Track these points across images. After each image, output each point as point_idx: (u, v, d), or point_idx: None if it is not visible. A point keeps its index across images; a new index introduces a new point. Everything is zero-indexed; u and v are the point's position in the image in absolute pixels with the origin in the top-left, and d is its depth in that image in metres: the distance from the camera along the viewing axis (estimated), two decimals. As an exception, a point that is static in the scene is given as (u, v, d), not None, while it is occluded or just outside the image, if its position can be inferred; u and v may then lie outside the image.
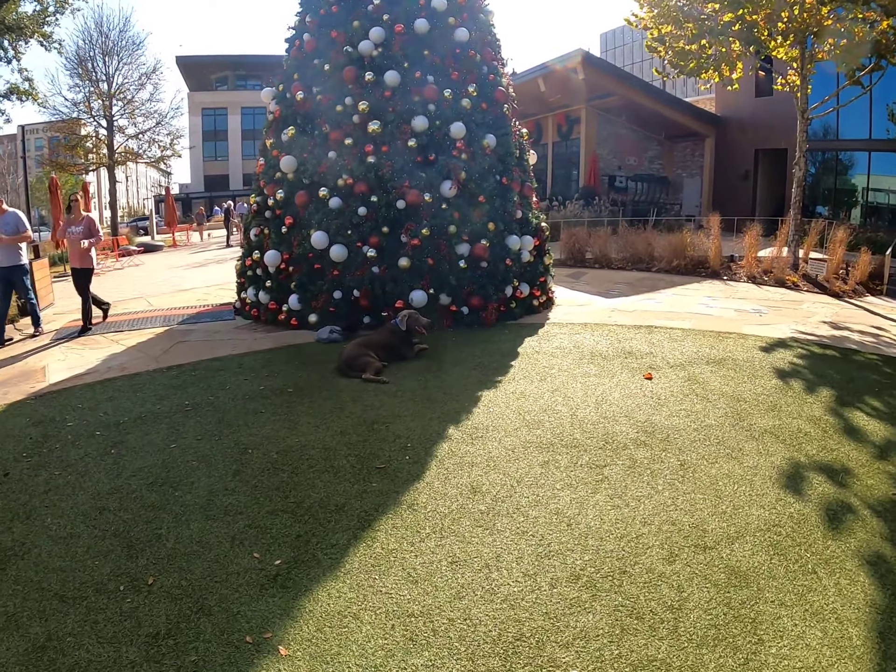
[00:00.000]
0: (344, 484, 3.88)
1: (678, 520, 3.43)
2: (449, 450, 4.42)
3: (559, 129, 20.65)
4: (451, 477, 4.01)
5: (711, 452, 4.23)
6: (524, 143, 9.03)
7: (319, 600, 2.80)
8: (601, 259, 13.02)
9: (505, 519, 3.51)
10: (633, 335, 7.27)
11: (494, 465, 4.18)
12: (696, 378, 5.69)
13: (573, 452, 4.32)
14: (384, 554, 3.16)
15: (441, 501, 3.68)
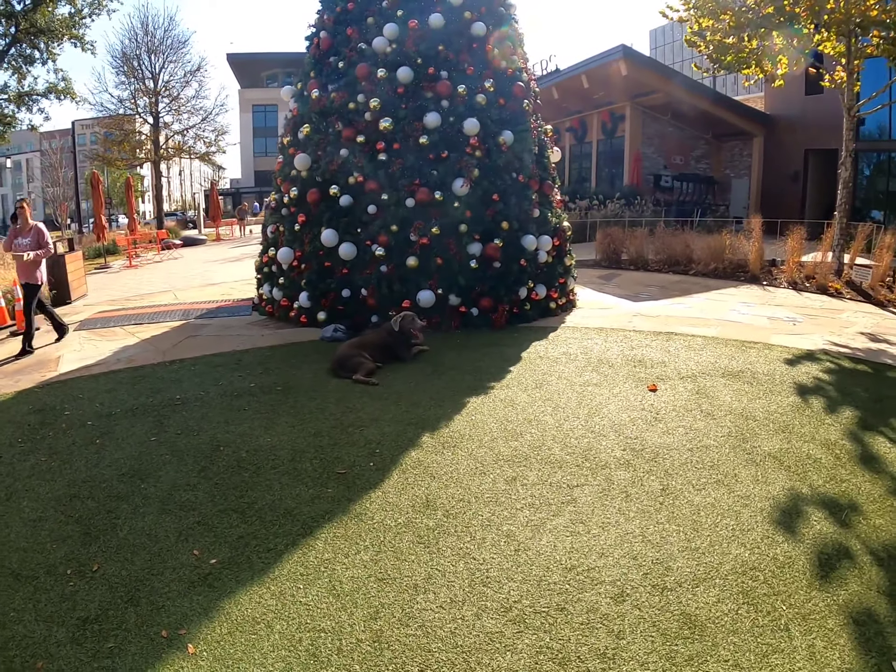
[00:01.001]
0: (300, 487, 3.74)
1: (641, 553, 3.00)
2: (416, 458, 4.14)
3: (604, 126, 19.92)
4: (409, 488, 3.74)
5: (701, 477, 3.74)
6: (545, 140, 8.59)
7: (239, 604, 2.75)
8: (637, 260, 12.40)
9: (450, 538, 3.21)
10: (650, 342, 6.75)
11: (457, 478, 3.86)
12: (706, 391, 5.16)
13: (546, 469, 3.92)
14: (316, 564, 3.02)
15: (390, 513, 3.46)
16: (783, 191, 16.59)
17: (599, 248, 13.12)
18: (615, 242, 12.92)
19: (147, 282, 13.17)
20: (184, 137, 23.67)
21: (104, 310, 9.93)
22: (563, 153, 22.63)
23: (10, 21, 9.96)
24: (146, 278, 13.98)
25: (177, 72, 23.69)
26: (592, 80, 17.89)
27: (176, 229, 25.62)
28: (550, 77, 20.00)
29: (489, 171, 7.64)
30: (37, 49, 10.58)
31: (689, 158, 19.18)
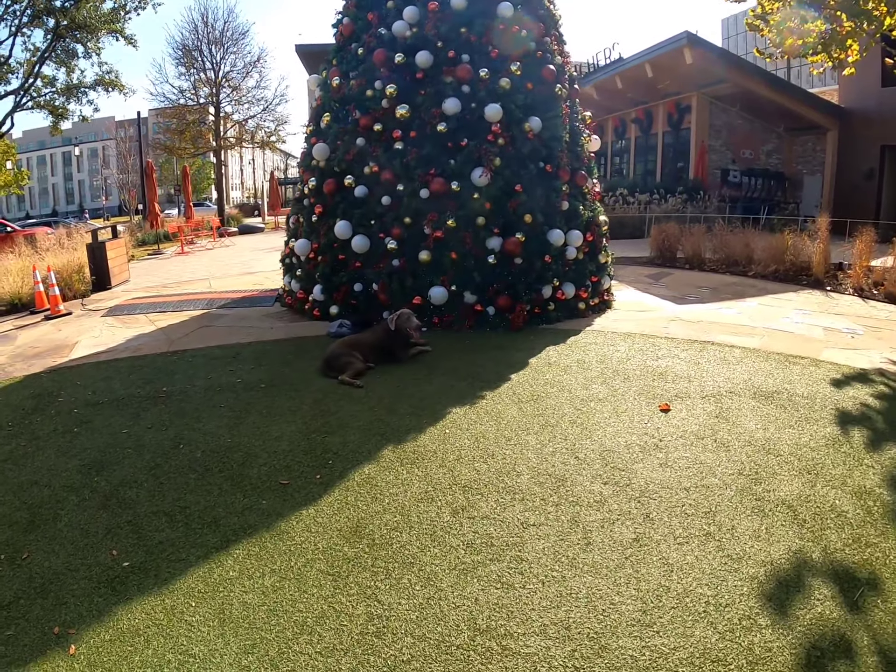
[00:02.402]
0: (237, 495, 3.50)
1: (577, 623, 2.36)
2: (367, 475, 3.67)
3: (669, 118, 18.55)
4: (345, 509, 3.33)
5: (689, 527, 3.03)
6: (579, 127, 7.82)
7: (131, 612, 2.61)
8: (692, 259, 11.35)
9: (363, 573, 2.77)
10: (679, 352, 5.93)
11: (400, 502, 3.35)
12: (727, 415, 4.37)
13: (504, 500, 3.31)
14: (218, 582, 2.77)
15: (313, 536, 3.08)
16: (857, 189, 14.84)
17: (653, 244, 12.13)
18: (670, 239, 11.90)
19: (190, 269, 13.26)
20: (244, 127, 23.94)
21: (138, 296, 9.96)
22: (628, 145, 21.51)
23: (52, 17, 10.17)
24: (191, 265, 14.11)
25: (237, 63, 24.08)
26: (657, 69, 16.65)
27: (238, 217, 26.11)
28: (613, 66, 18.84)
29: (512, 161, 6.98)
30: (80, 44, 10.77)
31: (758, 153, 17.57)
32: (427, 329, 6.97)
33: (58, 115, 11.72)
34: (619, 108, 21.14)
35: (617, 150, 22.66)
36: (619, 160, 22.47)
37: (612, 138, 22.60)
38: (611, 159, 22.92)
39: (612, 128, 22.46)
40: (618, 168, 22.45)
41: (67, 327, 8.19)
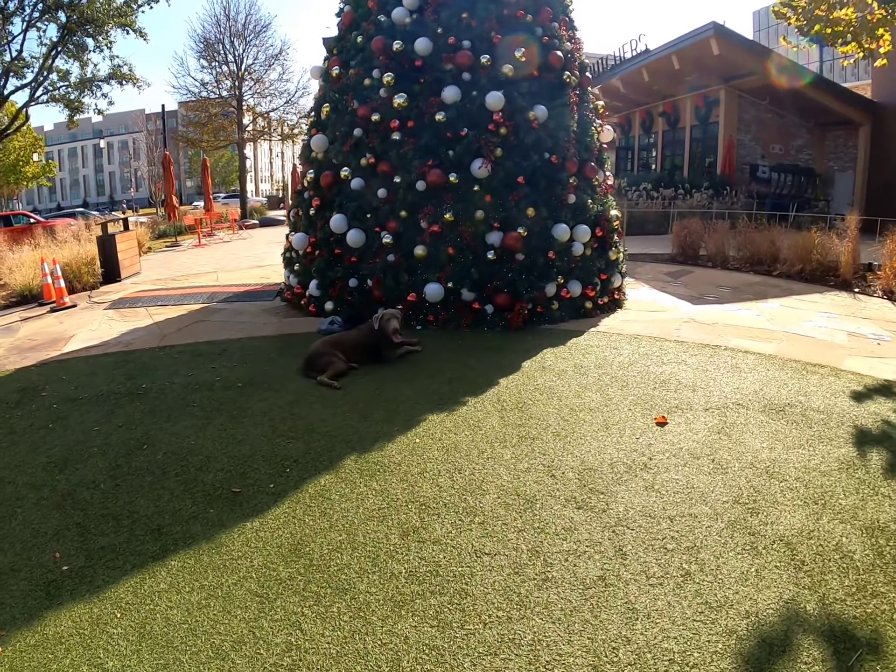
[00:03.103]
0: (187, 502, 3.31)
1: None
2: (323, 487, 3.39)
3: (697, 111, 17.74)
4: (290, 524, 3.06)
5: (665, 566, 2.61)
6: (590, 117, 7.34)
7: (59, 619, 2.49)
8: (715, 257, 10.74)
9: (292, 598, 2.52)
10: (688, 357, 5.45)
11: (349, 520, 3.05)
12: (730, 431, 3.90)
13: (462, 522, 2.94)
14: (148, 594, 2.60)
15: (250, 552, 2.85)
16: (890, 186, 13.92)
17: (675, 241, 11.55)
18: (693, 236, 11.30)
19: (203, 262, 13.13)
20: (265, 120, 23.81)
21: (144, 289, 9.82)
22: (655, 139, 20.74)
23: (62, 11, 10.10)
24: (204, 258, 13.99)
25: (259, 56, 23.91)
26: (683, 61, 15.91)
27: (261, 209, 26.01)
28: (640, 58, 18.10)
29: (515, 151, 6.56)
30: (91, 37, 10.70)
31: (789, 148, 16.66)
32: (422, 327, 6.63)
33: (73, 108, 11.69)
34: (646, 102, 20.38)
35: (644, 145, 21.90)
36: (646, 154, 21.71)
37: (640, 132, 21.84)
38: (637, 153, 22.17)
39: (638, 121, 21.70)
40: (644, 162, 21.70)
41: (69, 320, 8.07)
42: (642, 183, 16.42)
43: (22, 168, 28.59)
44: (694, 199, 14.86)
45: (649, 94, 19.38)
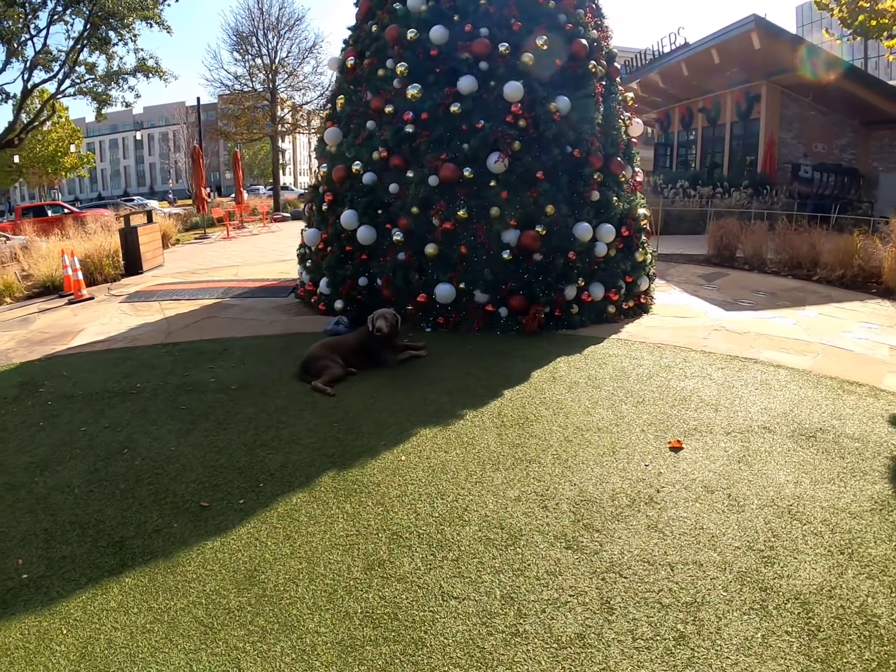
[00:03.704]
0: (154, 513, 3.16)
1: None
2: (294, 505, 3.17)
3: (737, 107, 16.85)
4: (252, 546, 2.85)
5: (657, 625, 2.22)
6: (617, 109, 6.88)
7: (9, 630, 2.38)
8: (752, 259, 10.13)
9: (236, 630, 2.35)
10: (714, 370, 5.01)
11: (313, 546, 2.82)
12: (753, 460, 3.48)
13: (433, 557, 2.63)
14: (95, 612, 2.47)
15: (205, 577, 2.65)
16: None
17: (711, 241, 10.95)
18: (729, 237, 10.70)
19: (227, 255, 13.07)
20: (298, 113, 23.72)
21: (162, 282, 9.76)
22: (695, 136, 19.89)
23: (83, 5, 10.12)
24: (230, 251, 13.93)
25: (293, 49, 23.82)
26: (723, 55, 15.10)
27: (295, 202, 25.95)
28: (679, 52, 17.31)
29: (534, 145, 6.17)
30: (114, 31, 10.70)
31: (832, 147, 15.66)
32: (432, 330, 6.32)
33: (101, 101, 11.76)
34: (686, 97, 19.54)
35: (683, 141, 21.05)
36: (686, 151, 20.86)
37: (679, 128, 20.99)
38: (677, 150, 21.32)
39: (678, 117, 20.86)
40: (683, 160, 20.85)
41: (84, 312, 8.03)
42: (679, 180, 15.72)
43: (60, 159, 29.36)
44: (733, 198, 14.13)
45: (689, 89, 18.57)
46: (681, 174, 17.13)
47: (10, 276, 9.39)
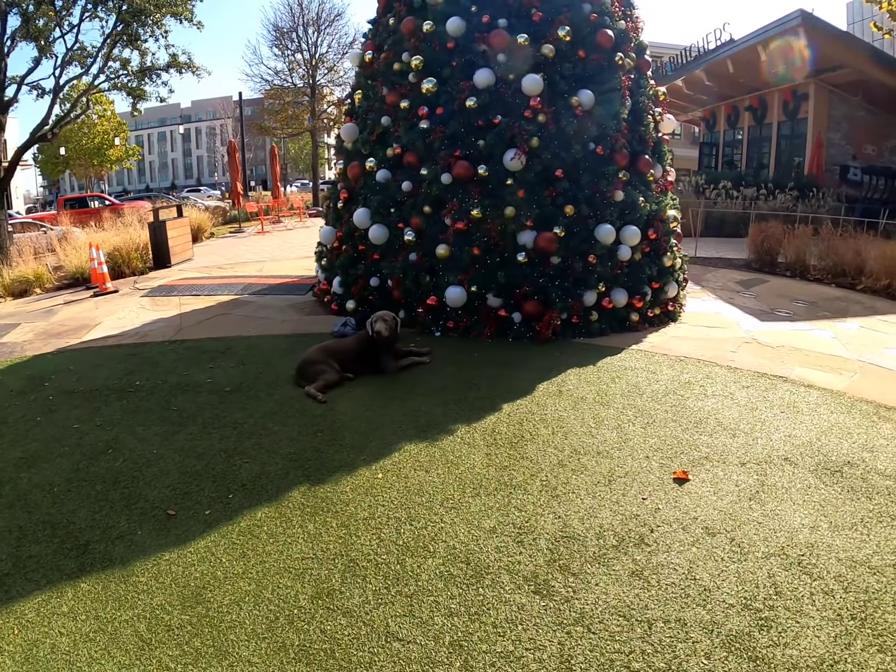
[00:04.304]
0: (122, 518, 3.10)
1: None
2: (258, 521, 3.05)
3: (785, 106, 15.91)
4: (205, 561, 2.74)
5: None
6: (645, 104, 6.47)
7: None
8: (794, 265, 9.49)
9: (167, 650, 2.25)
10: (737, 389, 4.59)
11: (265, 569, 2.65)
12: (766, 498, 3.10)
13: (385, 591, 2.40)
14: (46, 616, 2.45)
15: (154, 590, 2.57)
16: None
17: (751, 245, 10.33)
18: (770, 241, 10.05)
19: (256, 249, 13.08)
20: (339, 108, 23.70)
21: (186, 277, 9.78)
22: (741, 135, 19.00)
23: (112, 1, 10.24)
24: (260, 246, 13.95)
25: (333, 44, 23.75)
26: (770, 52, 14.22)
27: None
28: (724, 48, 16.49)
29: (553, 141, 5.83)
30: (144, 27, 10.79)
31: (882, 149, 14.61)
32: (441, 334, 6.07)
33: (136, 96, 11.94)
34: (732, 95, 18.66)
35: (729, 141, 20.16)
36: (731, 151, 19.97)
37: (725, 127, 20.11)
38: (722, 150, 20.44)
39: (724, 116, 19.96)
40: (729, 159, 19.97)
41: (105, 306, 8.08)
42: (722, 181, 15.01)
43: (106, 151, 30.27)
44: (777, 200, 13.37)
45: (735, 87, 17.73)
46: (724, 174, 16.36)
47: (41, 268, 9.56)
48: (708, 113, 21.22)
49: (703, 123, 22.19)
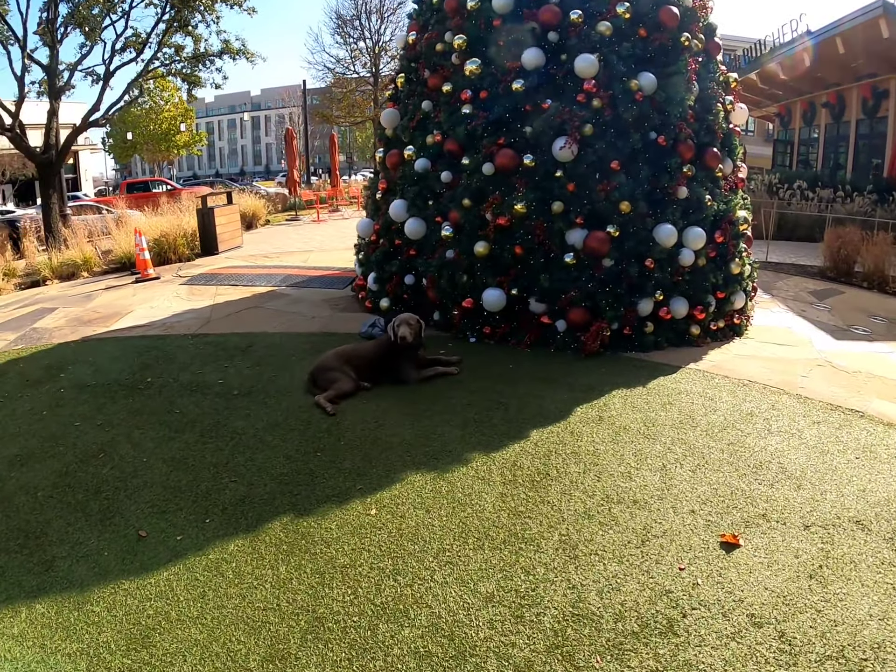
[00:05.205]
0: (93, 535, 2.88)
1: None
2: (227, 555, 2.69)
3: (864, 103, 14.30)
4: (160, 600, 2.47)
5: None
6: (715, 90, 5.69)
7: None
8: (872, 276, 8.40)
9: None
10: (806, 426, 3.86)
11: (220, 617, 2.36)
12: (830, 575, 2.43)
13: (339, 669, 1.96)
14: None
15: (104, 624, 2.35)
16: None
17: (826, 252, 9.28)
18: (847, 248, 8.96)
19: (307, 238, 12.87)
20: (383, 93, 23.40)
21: (230, 265, 9.62)
22: (817, 132, 17.47)
23: None
24: (312, 234, 13.72)
25: (396, 32, 23.28)
26: (848, 45, 12.78)
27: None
28: (800, 40, 15.06)
29: (609, 129, 5.18)
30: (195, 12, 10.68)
31: None
32: (476, 340, 5.55)
33: (191, 82, 11.94)
34: (809, 91, 17.12)
35: (804, 139, 18.62)
36: (807, 150, 18.46)
37: (800, 125, 18.56)
38: (797, 148, 18.89)
39: (799, 112, 18.39)
40: (804, 158, 18.47)
41: (143, 293, 7.99)
42: (797, 181, 13.78)
43: (173, 137, 31.10)
44: (855, 203, 12.09)
45: (811, 82, 16.23)
46: (799, 174, 15.04)
47: (90, 251, 9.62)
48: (783, 109, 19.70)
49: (778, 120, 20.64)
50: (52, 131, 10.43)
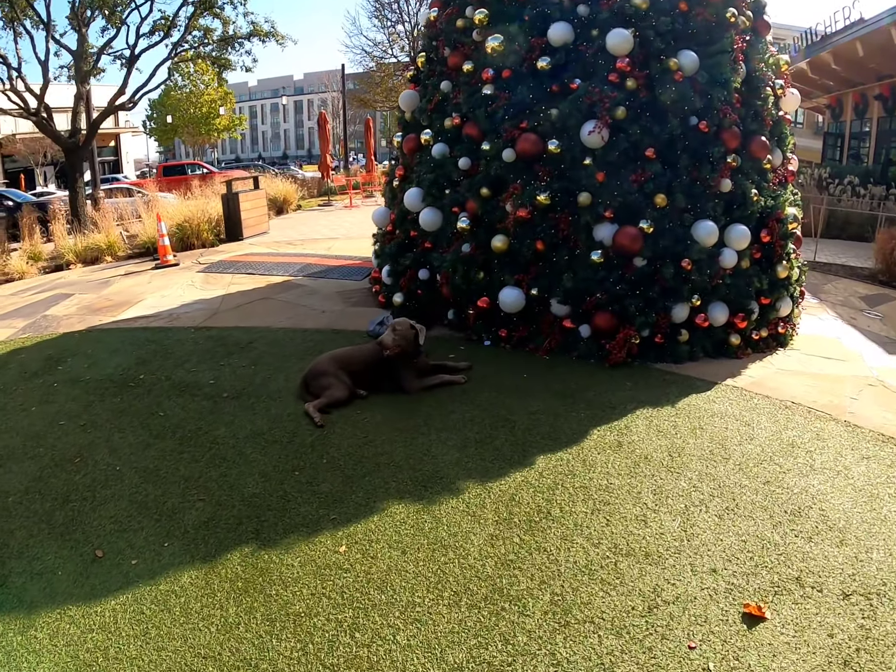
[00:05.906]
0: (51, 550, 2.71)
1: None
2: (179, 588, 2.45)
3: None
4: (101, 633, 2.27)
5: None
6: (763, 72, 5.07)
7: None
8: (932, 282, 7.67)
9: None
10: (853, 461, 3.29)
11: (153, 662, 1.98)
12: (865, 663, 1.95)
13: None
14: None
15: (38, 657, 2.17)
16: None
17: (879, 254, 8.47)
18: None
19: (335, 225, 12.54)
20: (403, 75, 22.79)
21: (252, 252, 9.38)
22: (869, 125, 16.24)
23: None
24: (341, 221, 13.38)
25: (433, 14, 22.53)
26: None
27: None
28: (853, 29, 13.94)
29: (645, 112, 4.64)
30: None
31: None
32: (491, 343, 5.11)
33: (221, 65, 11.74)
34: (861, 82, 15.87)
35: (856, 132, 17.40)
36: (858, 144, 17.26)
37: (852, 117, 17.32)
38: (848, 141, 17.67)
39: (851, 105, 17.12)
40: (855, 152, 17.28)
41: (158, 280, 7.82)
42: (848, 176, 12.79)
43: (212, 120, 31.26)
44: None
45: (864, 72, 15.03)
46: (851, 169, 14.01)
47: (115, 236, 9.54)
48: (834, 100, 18.44)
49: (829, 112, 19.36)
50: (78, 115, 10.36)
